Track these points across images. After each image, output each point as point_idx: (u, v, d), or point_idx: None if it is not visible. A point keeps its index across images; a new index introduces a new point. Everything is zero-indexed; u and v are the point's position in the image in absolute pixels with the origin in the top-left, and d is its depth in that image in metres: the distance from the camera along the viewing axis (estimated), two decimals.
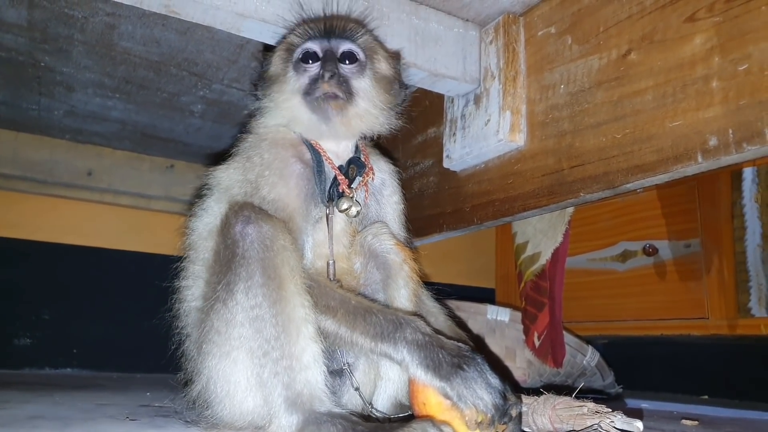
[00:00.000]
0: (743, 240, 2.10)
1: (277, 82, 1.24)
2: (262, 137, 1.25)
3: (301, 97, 1.20)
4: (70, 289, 2.40)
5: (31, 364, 2.29)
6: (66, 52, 1.54)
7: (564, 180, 1.33)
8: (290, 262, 1.03)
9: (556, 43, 1.39)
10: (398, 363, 1.02)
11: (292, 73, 1.21)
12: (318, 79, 1.18)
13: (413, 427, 0.88)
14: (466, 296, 2.25)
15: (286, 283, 1.01)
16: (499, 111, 1.47)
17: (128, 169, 2.35)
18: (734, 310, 2.09)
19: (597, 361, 2.17)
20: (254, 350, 1.00)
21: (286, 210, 1.15)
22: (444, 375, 0.96)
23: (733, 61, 1.02)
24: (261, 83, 1.29)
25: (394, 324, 1.04)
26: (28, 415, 1.20)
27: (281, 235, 1.04)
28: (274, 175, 1.17)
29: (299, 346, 1.00)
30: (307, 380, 1.00)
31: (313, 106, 1.20)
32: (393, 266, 1.23)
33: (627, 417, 1.05)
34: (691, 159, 1.07)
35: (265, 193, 1.15)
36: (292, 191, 1.17)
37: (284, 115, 1.24)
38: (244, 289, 1.01)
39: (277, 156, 1.20)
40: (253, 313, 1.00)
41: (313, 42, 1.21)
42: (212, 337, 1.04)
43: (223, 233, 1.06)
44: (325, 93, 1.18)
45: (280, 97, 1.23)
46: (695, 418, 1.61)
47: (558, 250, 2.09)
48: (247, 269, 1.01)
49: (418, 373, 0.98)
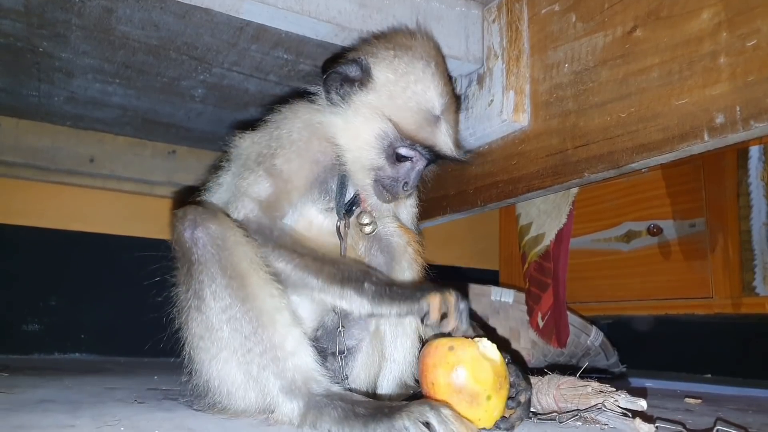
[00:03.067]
0: (749, 219, 2.09)
1: (365, 128, 1.18)
2: (298, 116, 1.23)
3: (374, 173, 1.20)
4: (76, 275, 2.41)
5: (39, 350, 2.31)
6: (64, 37, 1.53)
7: (568, 160, 1.32)
8: (248, 255, 1.04)
9: (560, 21, 1.37)
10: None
11: (386, 152, 1.18)
12: (398, 179, 1.20)
13: (411, 409, 0.88)
14: (470, 278, 2.25)
15: (249, 277, 1.02)
16: (502, 91, 1.45)
17: (130, 155, 2.34)
18: (738, 289, 2.09)
19: (601, 341, 2.18)
20: (238, 349, 1.02)
21: (288, 183, 1.16)
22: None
23: (741, 37, 1.01)
24: (340, 82, 1.19)
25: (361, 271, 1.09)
26: (39, 399, 1.21)
27: (231, 232, 1.05)
28: (293, 152, 1.18)
29: (279, 336, 1.01)
30: (297, 366, 1.01)
31: (376, 187, 1.20)
32: (397, 249, 1.23)
33: (631, 396, 1.06)
34: (697, 137, 1.06)
35: (278, 162, 1.16)
36: (303, 172, 1.18)
37: (351, 149, 1.19)
38: (211, 294, 1.02)
39: (303, 138, 1.20)
40: (227, 314, 1.01)
41: (417, 152, 1.20)
42: (198, 343, 1.05)
43: (176, 241, 1.06)
44: (392, 194, 1.20)
45: (356, 142, 1.19)
46: (698, 396, 1.62)
47: (562, 230, 2.09)
48: (207, 274, 1.02)
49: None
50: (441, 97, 1.19)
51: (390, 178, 1.19)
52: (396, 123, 1.15)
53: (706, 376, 2.42)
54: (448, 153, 1.21)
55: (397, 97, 1.16)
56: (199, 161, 2.42)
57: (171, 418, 1.05)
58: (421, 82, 1.18)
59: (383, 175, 1.19)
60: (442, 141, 1.20)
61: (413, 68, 1.18)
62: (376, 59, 1.19)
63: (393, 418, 0.89)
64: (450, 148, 1.21)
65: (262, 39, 1.50)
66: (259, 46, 1.54)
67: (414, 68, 1.18)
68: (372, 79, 1.17)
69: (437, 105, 1.18)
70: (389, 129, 1.16)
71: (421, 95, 1.17)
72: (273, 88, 1.80)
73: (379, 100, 1.17)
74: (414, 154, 1.19)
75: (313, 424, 0.97)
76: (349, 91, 1.18)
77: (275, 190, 1.15)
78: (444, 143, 1.20)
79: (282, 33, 1.44)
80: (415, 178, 1.21)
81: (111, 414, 1.05)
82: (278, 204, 1.16)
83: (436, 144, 1.19)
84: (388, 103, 1.16)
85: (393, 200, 1.22)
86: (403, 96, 1.16)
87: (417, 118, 1.17)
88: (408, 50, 1.21)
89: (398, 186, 1.20)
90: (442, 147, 1.20)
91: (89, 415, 1.04)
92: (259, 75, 1.72)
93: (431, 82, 1.19)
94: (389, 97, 1.16)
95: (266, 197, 1.14)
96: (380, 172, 1.19)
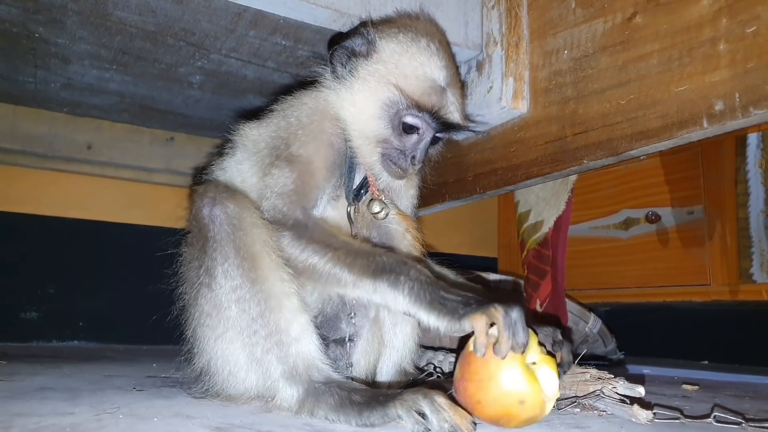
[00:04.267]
0: (746, 206, 2.09)
1: (371, 98, 1.18)
2: (304, 101, 1.23)
3: (380, 147, 1.19)
4: (74, 262, 2.41)
5: (38, 337, 2.32)
6: (60, 22, 1.51)
7: (567, 147, 1.32)
8: (262, 237, 1.04)
9: (560, 8, 1.36)
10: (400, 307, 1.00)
11: (392, 122, 1.18)
12: (405, 152, 1.19)
13: (404, 398, 0.89)
14: (469, 266, 2.25)
15: (261, 260, 1.02)
16: (501, 78, 1.44)
17: (128, 142, 2.33)
18: (736, 276, 2.09)
19: (599, 328, 2.19)
20: (244, 330, 1.02)
21: (309, 166, 1.15)
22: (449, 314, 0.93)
23: (741, 23, 1.00)
24: (346, 56, 1.20)
25: (398, 263, 1.02)
26: (38, 386, 1.21)
27: (248, 213, 1.05)
28: (307, 135, 1.17)
29: (285, 321, 1.01)
30: (300, 352, 1.01)
31: (384, 162, 1.20)
32: (395, 236, 1.23)
33: (629, 382, 1.07)
34: (696, 124, 1.06)
35: (294, 149, 1.15)
36: (320, 153, 1.17)
37: (357, 121, 1.19)
38: (223, 272, 1.02)
39: (313, 121, 1.19)
40: (236, 294, 1.01)
41: (424, 122, 1.19)
42: (205, 321, 1.06)
43: (194, 217, 1.06)
44: (401, 168, 1.19)
45: (362, 114, 1.18)
46: (696, 382, 1.63)
47: (561, 218, 2.09)
48: (221, 252, 1.02)
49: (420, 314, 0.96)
50: (446, 69, 1.20)
51: (397, 150, 1.19)
52: (403, 89, 1.15)
53: (703, 363, 2.43)
54: (455, 120, 1.21)
55: (403, 66, 1.17)
56: (197, 148, 2.41)
57: (170, 406, 1.05)
58: (425, 53, 1.19)
59: (390, 148, 1.19)
60: (449, 109, 1.20)
61: (417, 42, 1.19)
62: (381, 33, 1.21)
63: (387, 407, 0.89)
64: (457, 116, 1.21)
65: (261, 25, 1.49)
66: (257, 32, 1.53)
67: (418, 42, 1.19)
68: (377, 51, 1.18)
69: (442, 76, 1.19)
70: (396, 96, 1.16)
71: (427, 65, 1.18)
72: (271, 74, 1.79)
73: (385, 68, 1.17)
74: (421, 124, 1.18)
75: (311, 411, 0.97)
76: (355, 64, 1.18)
77: (299, 175, 1.14)
78: (451, 111, 1.20)
79: (280, 19, 1.42)
80: (422, 152, 1.20)
81: (110, 401, 1.06)
82: (306, 190, 1.15)
83: (442, 110, 1.18)
84: (394, 71, 1.17)
85: (402, 176, 1.21)
86: (409, 65, 1.17)
87: (423, 85, 1.17)
88: (411, 28, 1.23)
89: (406, 160, 1.19)
90: (449, 114, 1.19)
91: (88, 402, 1.04)
92: (258, 61, 1.71)
93: (436, 54, 1.20)
94: (395, 65, 1.17)
95: (293, 187, 1.13)
96: (386, 145, 1.19)
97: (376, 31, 1.21)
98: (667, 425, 1.01)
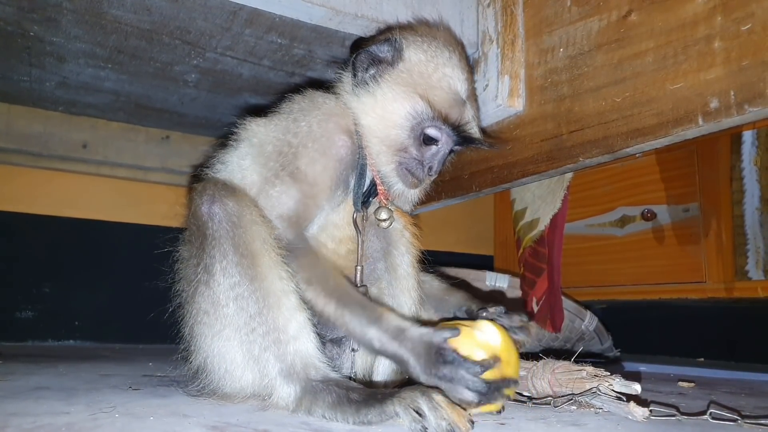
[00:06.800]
0: (741, 203, 2.10)
1: (396, 106, 1.17)
2: (317, 105, 1.20)
3: (398, 156, 1.19)
4: (70, 262, 2.41)
5: (34, 337, 2.31)
6: (55, 21, 1.51)
7: (563, 145, 1.32)
8: (261, 235, 1.03)
9: (555, 5, 1.36)
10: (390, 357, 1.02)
11: (413, 132, 1.18)
12: (422, 162, 1.19)
13: (402, 396, 0.89)
14: (465, 263, 2.25)
15: (260, 258, 1.02)
16: (497, 76, 1.45)
17: (123, 141, 2.32)
18: (731, 274, 2.10)
19: (595, 326, 2.19)
20: (242, 327, 1.02)
21: (314, 187, 1.14)
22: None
23: (736, 21, 1.00)
24: (369, 62, 1.19)
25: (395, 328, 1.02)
26: (34, 386, 1.21)
27: (248, 210, 1.04)
28: (317, 151, 1.15)
29: (283, 319, 1.01)
30: (297, 350, 1.01)
31: (400, 170, 1.20)
32: (393, 234, 1.23)
33: (625, 380, 1.07)
34: (691, 122, 1.06)
35: (302, 164, 1.13)
36: (327, 172, 1.16)
37: (378, 128, 1.19)
38: (221, 270, 1.02)
39: (325, 132, 1.17)
40: (234, 292, 1.01)
41: (446, 134, 1.19)
42: (202, 318, 1.05)
43: (192, 214, 1.05)
44: (417, 178, 1.20)
45: (384, 122, 1.18)
46: (692, 379, 1.64)
47: (557, 216, 2.09)
48: (220, 249, 1.02)
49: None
50: (467, 83, 1.22)
51: (415, 160, 1.19)
52: (429, 101, 1.15)
53: (699, 360, 2.44)
54: (476, 136, 1.22)
55: (429, 76, 1.17)
56: (192, 147, 2.41)
57: (166, 405, 1.05)
58: (449, 65, 1.19)
59: (408, 158, 1.19)
60: (470, 123, 1.21)
61: (441, 53, 1.20)
62: (407, 41, 1.20)
63: (384, 405, 0.89)
64: (476, 131, 1.23)
65: (256, 23, 1.49)
66: (252, 31, 1.53)
67: (442, 53, 1.20)
68: (403, 59, 1.18)
69: (464, 89, 1.20)
70: (421, 106, 1.16)
71: (451, 77, 1.19)
72: (267, 72, 1.79)
73: (411, 78, 1.17)
74: (441, 137, 1.19)
75: (308, 409, 0.97)
76: (378, 71, 1.18)
77: (302, 197, 1.13)
78: (471, 126, 1.21)
79: (276, 17, 1.42)
80: (440, 163, 1.21)
81: (106, 401, 1.05)
82: (307, 214, 1.15)
83: (466, 125, 1.19)
84: (420, 82, 1.17)
85: (417, 185, 1.22)
86: (435, 76, 1.17)
87: (448, 98, 1.18)
88: (434, 38, 1.24)
89: (423, 170, 1.19)
90: (470, 129, 1.21)
91: (84, 401, 1.04)
92: (253, 60, 1.71)
93: (458, 66, 1.21)
94: (421, 75, 1.17)
95: (295, 210, 1.12)
96: (404, 154, 1.19)
97: (402, 36, 1.20)
98: (664, 422, 1.02)
